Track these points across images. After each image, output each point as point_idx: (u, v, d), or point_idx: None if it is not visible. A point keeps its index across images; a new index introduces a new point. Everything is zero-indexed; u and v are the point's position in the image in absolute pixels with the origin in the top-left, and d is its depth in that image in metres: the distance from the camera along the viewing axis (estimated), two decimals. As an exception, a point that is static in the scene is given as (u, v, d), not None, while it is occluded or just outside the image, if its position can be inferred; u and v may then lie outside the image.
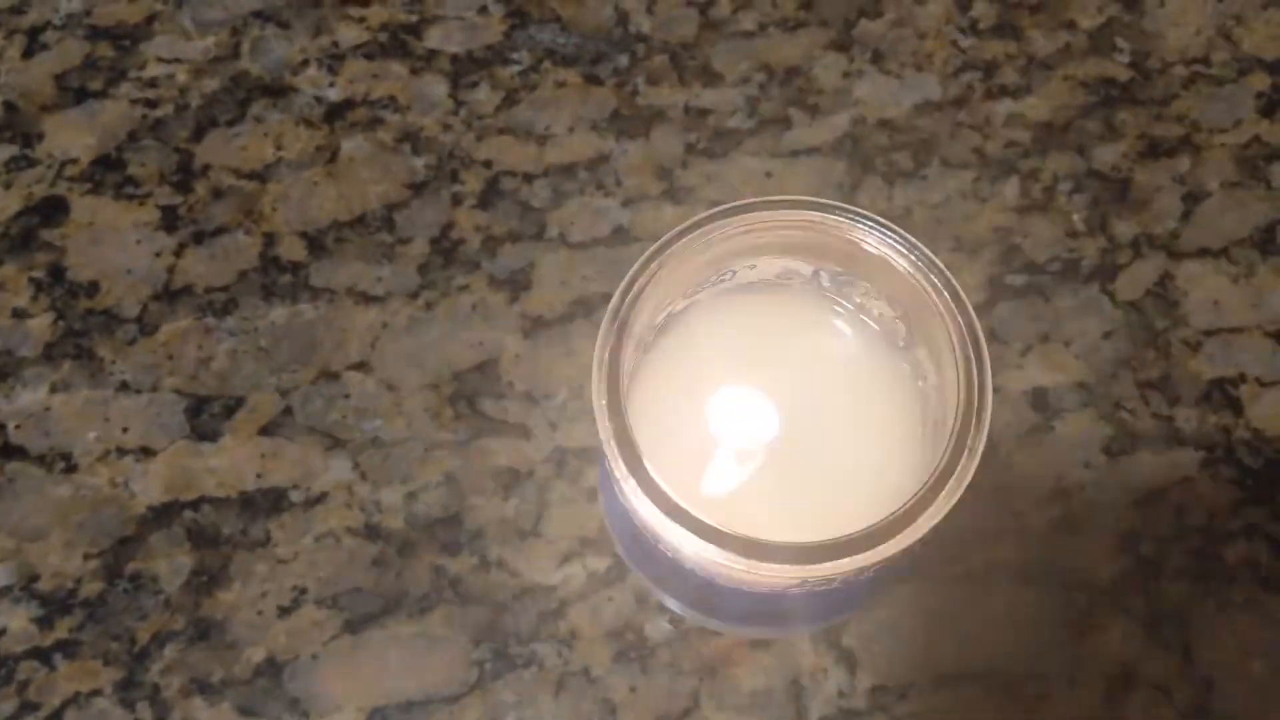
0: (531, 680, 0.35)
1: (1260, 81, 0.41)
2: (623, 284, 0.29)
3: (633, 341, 0.30)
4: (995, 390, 0.37)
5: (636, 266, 0.29)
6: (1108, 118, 0.41)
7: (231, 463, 0.37)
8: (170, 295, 0.39)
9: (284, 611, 0.36)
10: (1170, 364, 0.38)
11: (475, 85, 0.41)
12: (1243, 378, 0.38)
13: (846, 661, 0.35)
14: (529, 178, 0.40)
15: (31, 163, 0.41)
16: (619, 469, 0.28)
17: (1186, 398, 0.37)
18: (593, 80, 0.41)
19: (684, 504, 0.27)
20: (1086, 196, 0.40)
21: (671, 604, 0.34)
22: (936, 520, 0.27)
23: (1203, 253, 0.39)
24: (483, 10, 0.42)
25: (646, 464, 0.27)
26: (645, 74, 0.41)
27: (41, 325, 0.39)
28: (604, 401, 0.28)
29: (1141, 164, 0.40)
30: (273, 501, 0.37)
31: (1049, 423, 0.37)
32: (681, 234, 0.29)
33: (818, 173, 0.40)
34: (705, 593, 0.31)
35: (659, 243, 0.29)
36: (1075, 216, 0.39)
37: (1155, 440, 0.37)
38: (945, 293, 0.28)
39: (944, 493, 0.27)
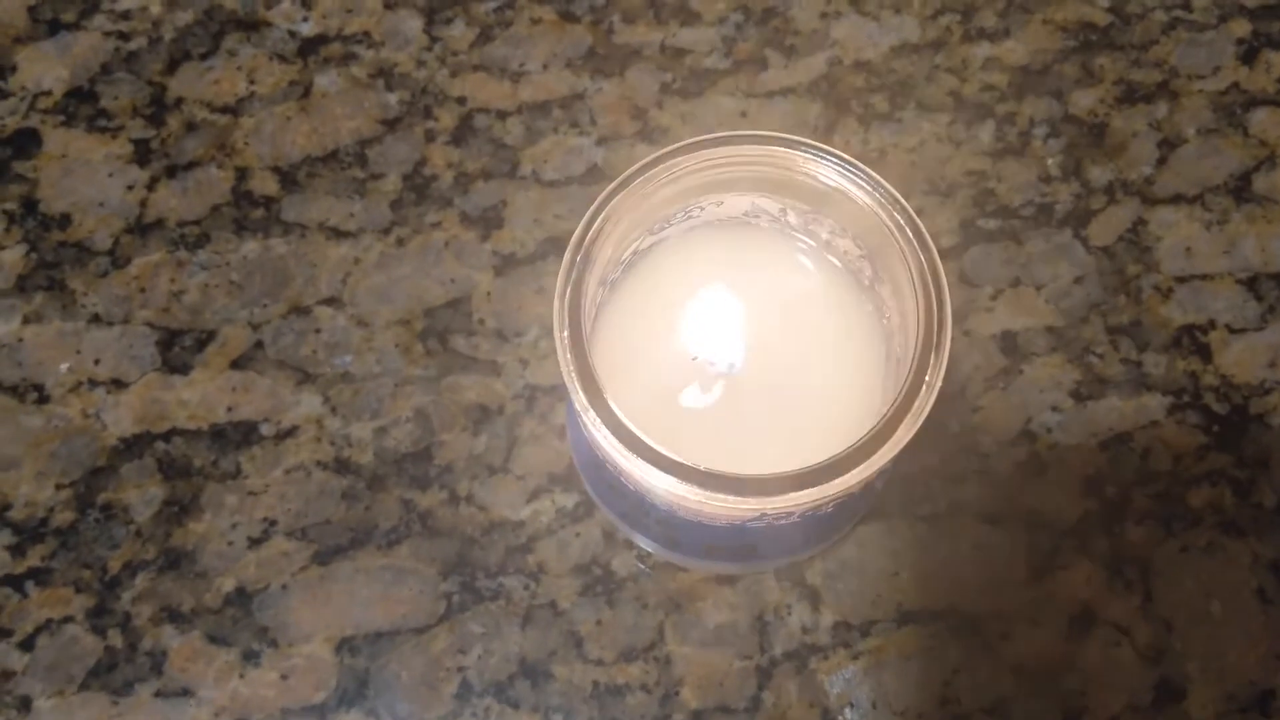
0: (499, 612, 0.35)
1: (1241, 28, 0.41)
2: (586, 216, 0.29)
3: (596, 275, 0.30)
4: (965, 333, 0.38)
5: (600, 199, 0.29)
6: (1086, 62, 0.41)
7: (202, 395, 0.37)
8: (142, 229, 0.39)
9: (254, 542, 0.36)
10: (1141, 310, 0.38)
11: (450, 21, 0.41)
12: (1212, 324, 0.38)
13: (810, 598, 0.35)
14: (502, 115, 0.40)
15: (4, 95, 0.40)
16: (579, 400, 0.28)
17: (1156, 343, 0.38)
18: (568, 17, 0.41)
19: (643, 436, 0.27)
20: (1062, 141, 0.40)
21: (637, 539, 0.34)
22: (893, 454, 0.27)
23: (1177, 199, 0.39)
24: (460, -54, 0.42)
25: (606, 396, 0.28)
26: (621, 12, 0.41)
27: (14, 257, 0.38)
28: (565, 335, 0.28)
29: (1118, 109, 0.40)
30: (243, 434, 0.37)
31: (1018, 366, 0.37)
32: (645, 167, 0.29)
33: (793, 114, 0.40)
34: (667, 527, 0.31)
35: (623, 176, 0.29)
36: (1050, 161, 0.39)
37: (1123, 385, 0.37)
38: (906, 228, 0.29)
39: (901, 426, 0.27)
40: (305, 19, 0.41)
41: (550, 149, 0.40)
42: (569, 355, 0.28)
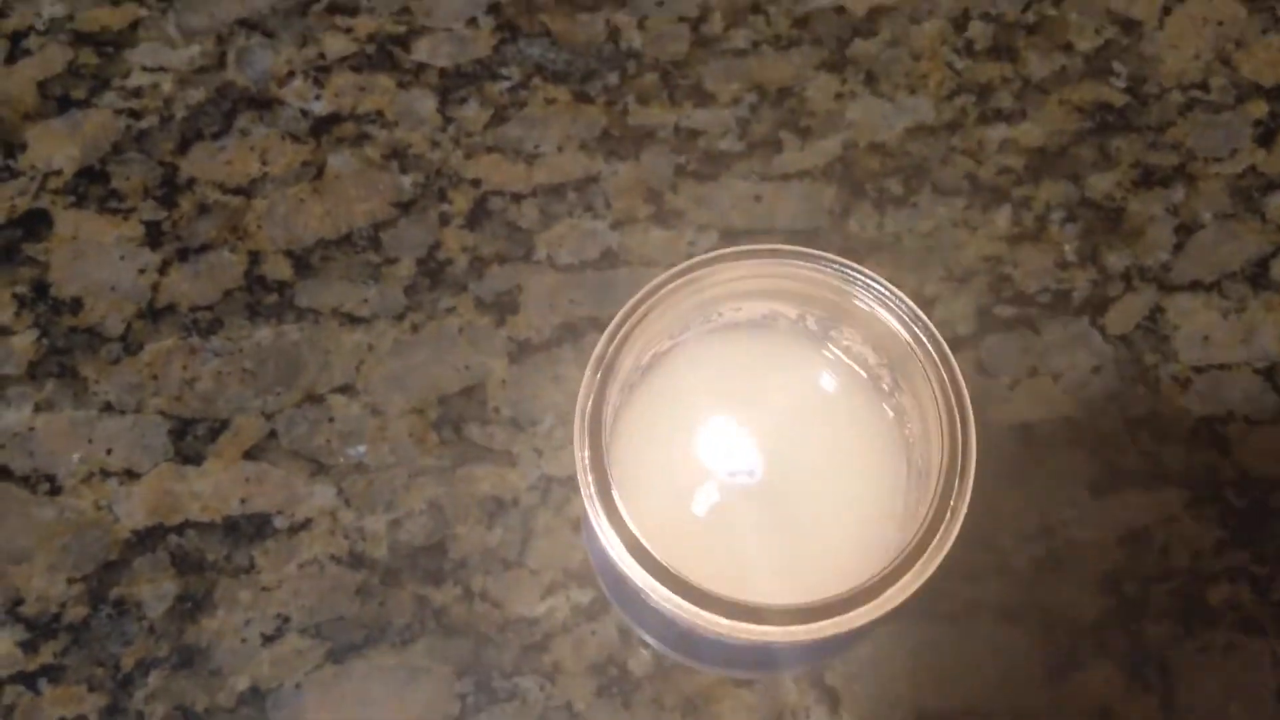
0: (514, 715, 0.35)
1: (1258, 109, 0.41)
2: (608, 330, 0.29)
3: (617, 387, 0.30)
4: (981, 424, 0.37)
5: (622, 312, 0.29)
6: (1102, 144, 0.40)
7: (216, 487, 0.37)
8: (154, 313, 0.39)
9: (267, 639, 0.36)
10: (1159, 400, 0.38)
11: (464, 101, 0.41)
12: (1231, 416, 0.38)
13: (829, 700, 0.35)
14: (517, 197, 0.40)
15: (14, 174, 0.40)
16: (601, 525, 0.28)
17: (1175, 435, 0.37)
18: (583, 98, 0.41)
19: (671, 567, 0.27)
20: (1079, 226, 0.39)
21: (654, 644, 0.34)
22: (919, 584, 0.27)
23: (1194, 286, 0.39)
24: (472, 22, 0.42)
25: (633, 528, 0.27)
26: (636, 92, 0.41)
27: (24, 343, 0.38)
28: (585, 454, 0.28)
29: (1135, 193, 0.40)
30: (257, 527, 0.37)
31: (1035, 459, 0.37)
32: (669, 280, 0.29)
33: (808, 197, 0.40)
34: (686, 640, 0.31)
35: (645, 289, 0.29)
36: (1067, 246, 0.39)
37: (1142, 478, 0.37)
38: (933, 353, 0.28)
39: (926, 553, 0.27)
40: (318, 97, 0.41)
41: (565, 233, 0.39)
42: (589, 477, 0.28)
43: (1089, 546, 0.36)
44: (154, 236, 0.40)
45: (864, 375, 0.32)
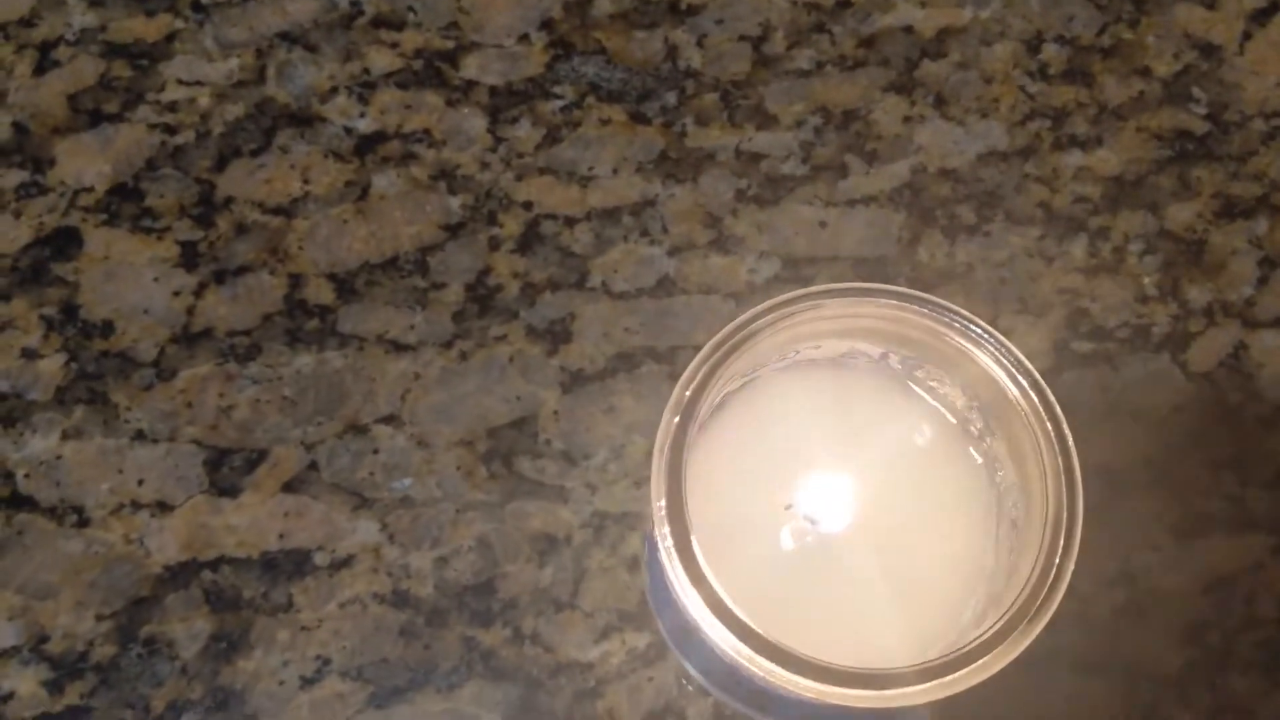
0: (567, 765, 0.33)
1: (1342, 138, 0.39)
2: (689, 370, 0.27)
3: (695, 430, 0.28)
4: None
5: (705, 351, 0.27)
6: (1182, 174, 0.39)
7: (253, 521, 0.35)
8: (189, 338, 0.37)
9: (306, 682, 0.34)
10: (1244, 441, 0.36)
11: (515, 120, 0.39)
12: (1319, 458, 0.36)
13: (900, 755, 0.33)
14: (570, 221, 0.38)
15: (43, 190, 0.38)
16: (679, 579, 0.26)
17: (1260, 478, 0.36)
18: (639, 119, 0.39)
19: (751, 623, 0.25)
20: (1159, 258, 0.38)
21: (716, 693, 0.32)
22: (1020, 649, 0.25)
23: (1279, 322, 0.37)
24: (524, 38, 0.40)
25: (710, 576, 0.26)
26: (694, 113, 0.39)
27: (52, 367, 0.36)
28: (663, 504, 0.26)
29: (1217, 225, 0.38)
30: (296, 564, 0.35)
31: (1115, 501, 0.35)
32: (755, 318, 0.27)
33: (875, 224, 0.38)
34: (757, 694, 0.29)
35: (725, 331, 0.27)
36: (1146, 280, 0.37)
37: (1226, 523, 0.35)
38: (1038, 405, 0.26)
39: (1030, 618, 0.25)
40: (362, 114, 0.39)
41: (620, 258, 0.38)
42: (667, 529, 0.26)
43: (1171, 594, 0.34)
44: (189, 257, 0.38)
45: (951, 419, 0.30)
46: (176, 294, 0.37)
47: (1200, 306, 0.37)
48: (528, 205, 0.38)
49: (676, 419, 0.27)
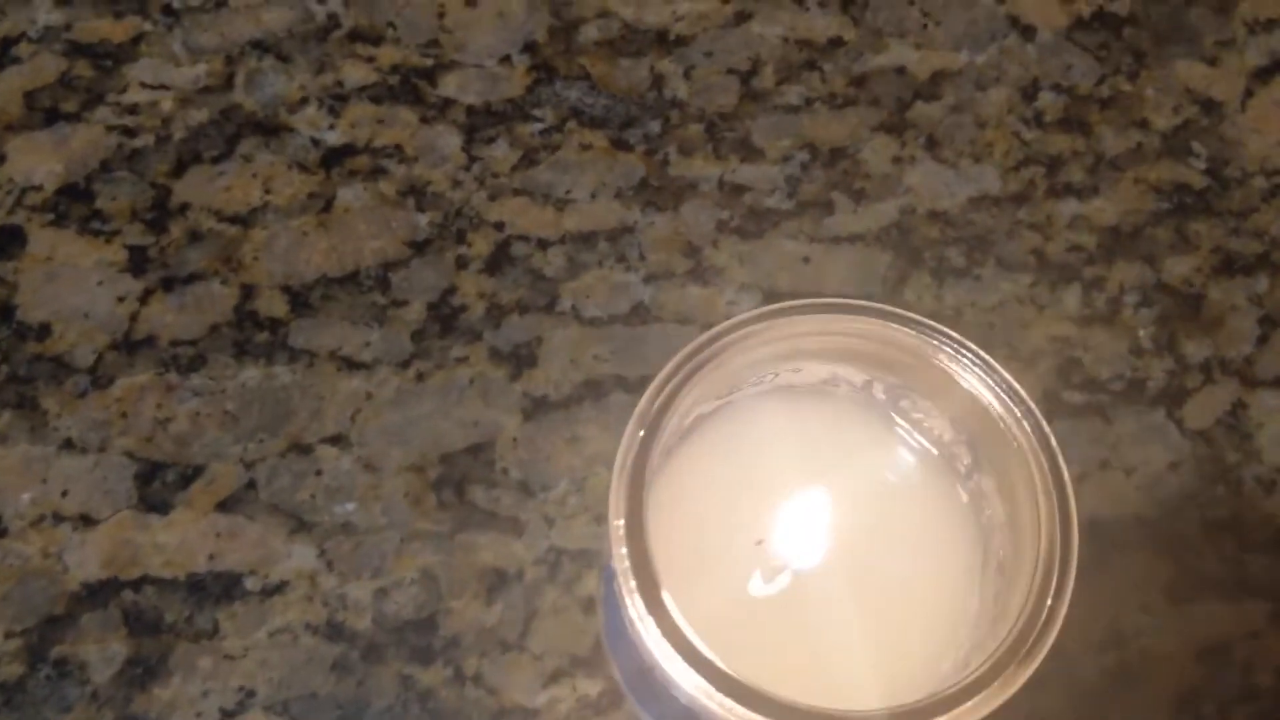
0: (505, 819, 0.30)
1: (1345, 200, 0.38)
2: (657, 380, 0.25)
3: (660, 450, 0.26)
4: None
5: (674, 363, 0.25)
6: (1180, 227, 0.37)
7: (182, 540, 0.33)
8: (130, 346, 0.35)
9: (227, 715, 0.31)
10: (1241, 503, 0.34)
11: (492, 141, 0.37)
12: (1322, 526, 0.34)
13: (869, 824, 0.30)
14: (543, 244, 0.36)
15: (-9, 186, 0.36)
16: (636, 607, 0.23)
17: (1259, 542, 0.33)
18: (621, 145, 0.38)
19: (716, 660, 0.23)
20: (1154, 311, 0.36)
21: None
22: (1004, 697, 0.23)
23: (1278, 382, 0.36)
24: (505, 60, 0.39)
25: (669, 604, 0.23)
26: (678, 143, 0.38)
27: (-18, 368, 0.34)
28: (622, 522, 0.24)
29: (1215, 280, 0.37)
30: (225, 588, 0.32)
31: (1105, 559, 0.33)
32: (730, 330, 0.25)
33: (860, 263, 0.36)
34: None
35: (697, 341, 0.25)
36: (1142, 332, 0.36)
37: (1222, 587, 0.33)
38: (1030, 432, 0.25)
39: (1016, 662, 0.23)
40: (331, 126, 0.38)
41: (593, 284, 0.36)
42: (625, 549, 0.24)
43: (1163, 660, 0.32)
44: (138, 262, 0.36)
45: (935, 453, 0.28)
46: (121, 299, 0.35)
47: (1197, 362, 0.36)
48: (499, 225, 0.36)
49: (641, 433, 0.25)
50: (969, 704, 0.23)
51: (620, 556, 0.24)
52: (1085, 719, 0.32)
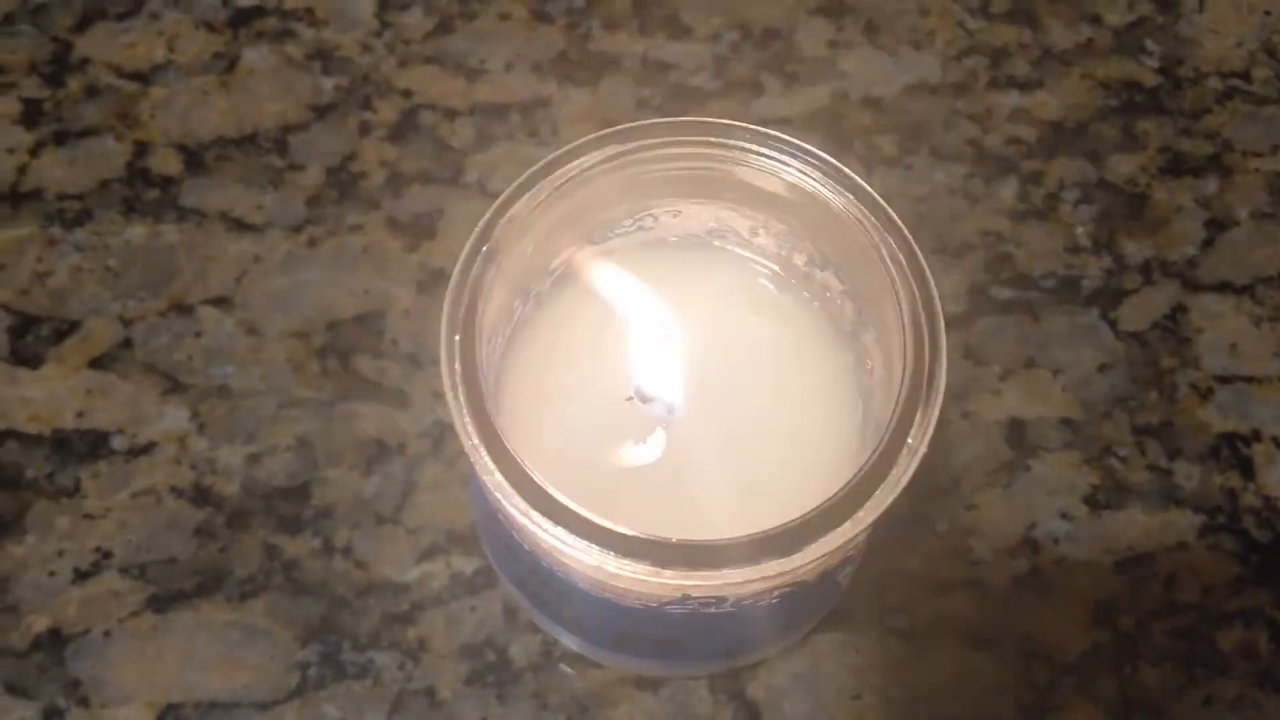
0: (363, 694, 0.28)
1: (1307, 106, 0.36)
2: (498, 202, 0.23)
3: (508, 283, 0.24)
4: (965, 416, 0.32)
5: (519, 182, 0.24)
6: (1128, 125, 0.35)
7: (50, 395, 0.31)
8: (16, 197, 0.33)
9: (80, 576, 0.29)
10: (1175, 410, 0.32)
11: (406, 7, 0.36)
12: (1257, 435, 0.32)
13: (749, 715, 0.28)
14: (451, 114, 0.35)
15: (-114, 34, 0.35)
16: (466, 433, 0.22)
17: (1190, 451, 0.31)
18: (542, 17, 0.36)
19: (541, 481, 0.21)
20: (1094, 209, 0.34)
21: (536, 618, 0.28)
22: (856, 533, 0.21)
23: (1223, 287, 0.33)
24: (429, -72, 0.37)
25: (502, 434, 0.22)
26: (602, 17, 0.36)
27: None
28: (458, 366, 0.22)
29: (1162, 180, 0.35)
30: (90, 445, 0.31)
31: (1024, 461, 0.31)
32: (590, 144, 0.24)
33: (786, 147, 0.34)
34: (568, 603, 0.25)
35: (551, 157, 0.24)
36: (1079, 229, 0.34)
37: (1148, 496, 0.31)
38: (900, 254, 0.23)
39: (872, 497, 0.21)
40: (242, -12, 0.36)
41: (501, 157, 0.34)
42: (461, 391, 0.22)
43: (1080, 568, 0.30)
44: (32, 115, 0.34)
45: (820, 308, 0.26)
46: (10, 151, 0.34)
47: (1137, 263, 0.33)
48: (407, 93, 0.35)
49: (480, 254, 0.23)
50: (799, 552, 0.21)
51: (453, 373, 0.22)
52: (992, 626, 0.30)
